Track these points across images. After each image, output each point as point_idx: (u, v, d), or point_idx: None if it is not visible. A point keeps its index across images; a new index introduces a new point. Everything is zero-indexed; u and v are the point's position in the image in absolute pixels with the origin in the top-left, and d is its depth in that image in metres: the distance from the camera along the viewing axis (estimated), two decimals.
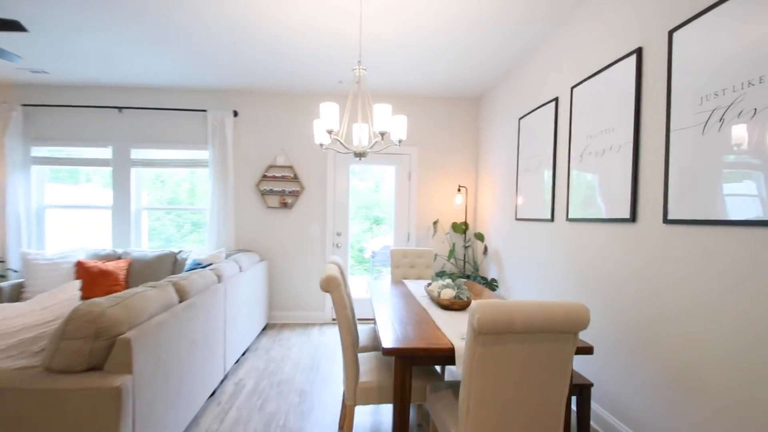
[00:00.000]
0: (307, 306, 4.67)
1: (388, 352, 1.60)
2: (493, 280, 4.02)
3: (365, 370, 2.05)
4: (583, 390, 2.02)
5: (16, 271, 4.24)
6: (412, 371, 1.69)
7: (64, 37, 3.22)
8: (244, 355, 3.54)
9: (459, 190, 4.65)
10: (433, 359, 1.67)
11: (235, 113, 4.50)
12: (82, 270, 3.85)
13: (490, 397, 1.41)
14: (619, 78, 2.25)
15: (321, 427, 2.36)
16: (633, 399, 2.08)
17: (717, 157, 1.63)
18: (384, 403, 1.96)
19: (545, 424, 1.47)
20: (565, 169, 2.82)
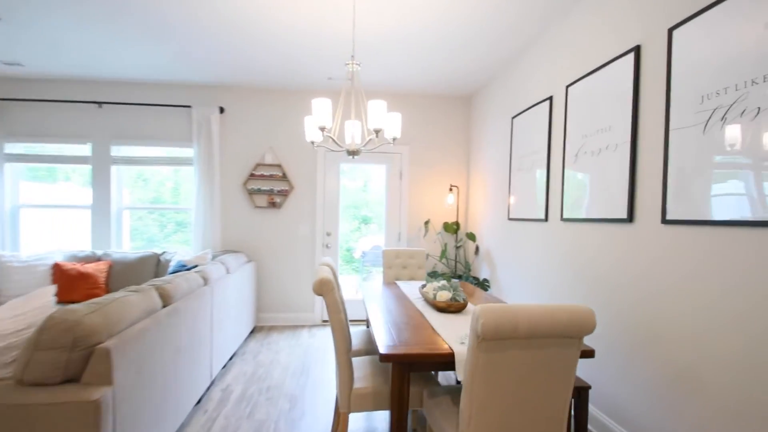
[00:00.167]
0: (297, 307, 4.57)
1: (386, 358, 1.53)
2: (485, 281, 3.99)
3: (359, 376, 1.98)
4: (580, 392, 1.98)
5: None
6: (410, 378, 1.62)
7: (40, 28, 3.06)
8: (231, 359, 3.42)
9: (451, 189, 4.60)
10: (433, 365, 1.61)
11: (222, 110, 4.37)
12: (60, 273, 3.68)
13: (492, 404, 1.36)
14: (617, 77, 2.22)
15: None
16: (630, 401, 2.06)
17: (718, 157, 1.61)
18: (379, 410, 1.89)
19: (548, 431, 1.43)
20: (559, 169, 2.80)
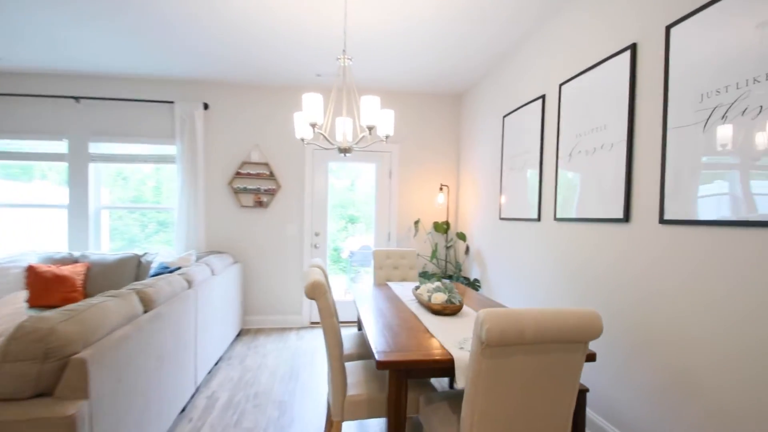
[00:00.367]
0: (284, 310, 4.46)
1: (383, 365, 1.46)
2: (475, 281, 3.95)
3: (353, 382, 1.91)
4: (578, 395, 1.95)
5: None
6: (407, 385, 1.56)
7: (12, 18, 2.88)
8: (217, 364, 3.30)
9: (441, 188, 4.56)
10: (431, 371, 1.55)
11: (206, 106, 4.23)
12: (34, 275, 3.50)
13: (495, 412, 1.31)
14: (612, 75, 2.20)
15: None
16: (628, 404, 2.03)
17: (718, 156, 1.59)
18: (374, 417, 1.82)
19: None
20: (552, 168, 2.77)
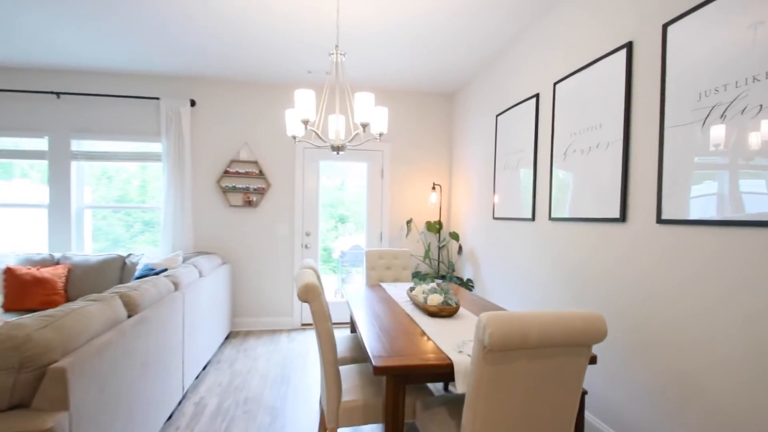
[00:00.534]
0: (275, 311, 4.38)
1: (380, 370, 1.41)
2: (468, 281, 3.93)
3: (347, 387, 1.85)
4: None
5: None
6: (405, 390, 1.51)
7: None
8: (205, 369, 3.21)
9: (434, 188, 4.52)
10: (430, 377, 1.51)
11: (193, 102, 4.12)
12: (12, 278, 3.36)
13: (497, 418, 1.27)
14: (608, 74, 2.18)
15: None
16: (626, 406, 2.02)
17: (717, 155, 1.58)
18: (370, 424, 1.77)
19: None
20: (546, 167, 2.75)
